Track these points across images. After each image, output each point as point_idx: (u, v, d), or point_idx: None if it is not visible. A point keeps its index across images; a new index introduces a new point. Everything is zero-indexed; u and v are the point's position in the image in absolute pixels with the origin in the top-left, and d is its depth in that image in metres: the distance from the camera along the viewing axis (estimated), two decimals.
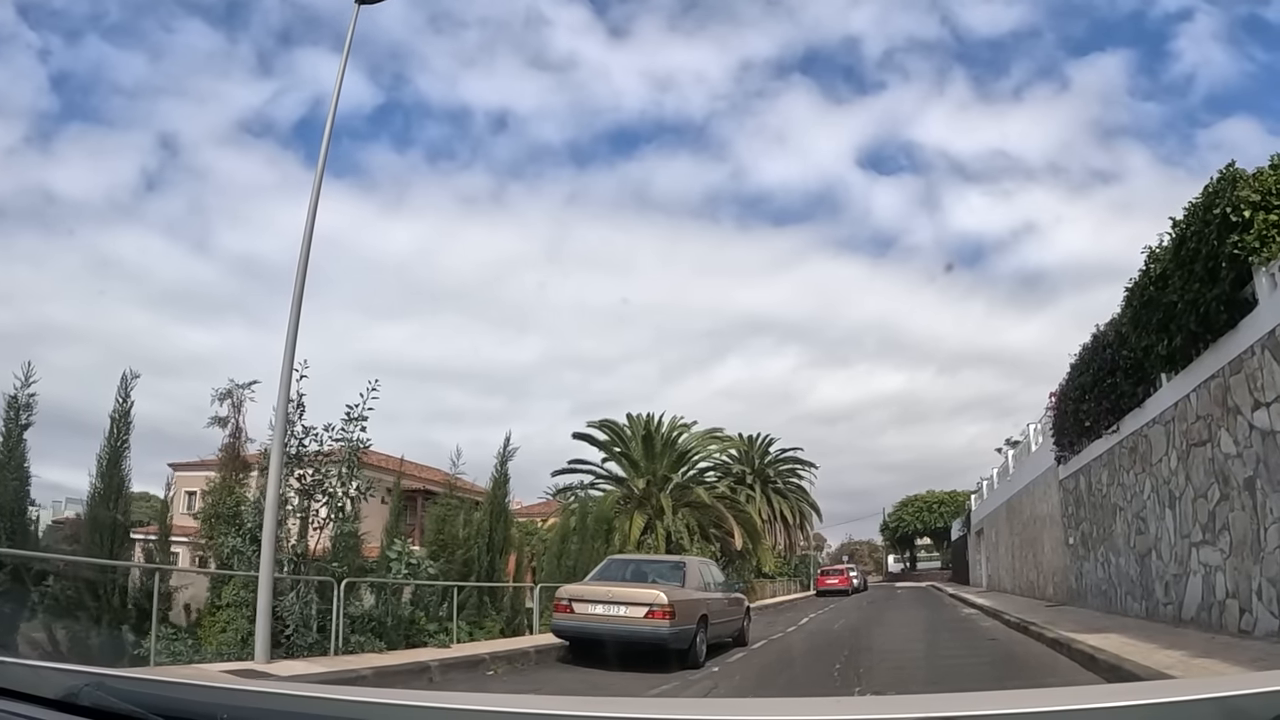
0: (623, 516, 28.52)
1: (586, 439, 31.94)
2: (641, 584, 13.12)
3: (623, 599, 12.35)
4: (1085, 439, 18.25)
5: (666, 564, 14.32)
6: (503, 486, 20.28)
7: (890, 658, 12.73)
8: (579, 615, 12.54)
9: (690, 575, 13.53)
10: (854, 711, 1.94)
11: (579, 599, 12.70)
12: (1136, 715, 1.43)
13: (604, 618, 12.32)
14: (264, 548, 10.34)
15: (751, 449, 47.03)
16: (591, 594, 12.70)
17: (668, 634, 11.89)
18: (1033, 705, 1.49)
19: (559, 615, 12.87)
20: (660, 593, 12.20)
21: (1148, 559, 14.35)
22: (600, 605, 12.42)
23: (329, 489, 12.18)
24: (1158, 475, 13.73)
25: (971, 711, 1.52)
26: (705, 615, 13.04)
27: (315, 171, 12.13)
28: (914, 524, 72.21)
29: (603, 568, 14.47)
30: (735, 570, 32.32)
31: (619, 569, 14.15)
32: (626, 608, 12.26)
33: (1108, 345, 15.47)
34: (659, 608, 12.05)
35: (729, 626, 14.73)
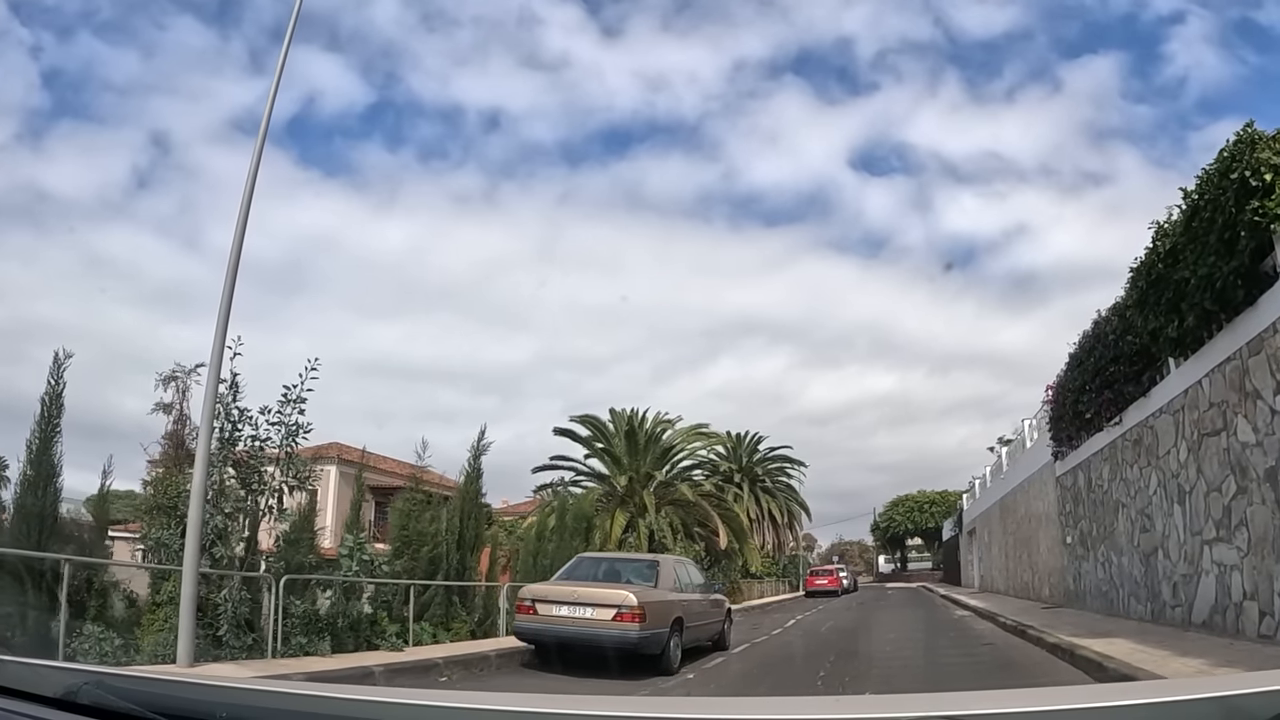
0: (604, 514, 27.59)
1: (568, 435, 30.98)
2: (610, 584, 12.19)
3: (589, 600, 11.43)
4: (1085, 433, 17.36)
5: (639, 563, 13.38)
6: (475, 481, 19.38)
7: (879, 664, 11.83)
8: (542, 617, 11.62)
9: (664, 575, 12.59)
10: (853, 710, 1.89)
11: (542, 599, 11.77)
12: (1136, 715, 1.43)
13: (569, 620, 11.41)
14: (188, 540, 9.44)
15: (739, 447, 46.13)
16: (556, 594, 11.77)
17: (637, 638, 10.99)
18: (1032, 705, 1.50)
19: (521, 617, 11.96)
20: (629, 594, 11.27)
21: (1153, 558, 13.45)
22: (565, 607, 11.50)
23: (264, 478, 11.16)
24: (1165, 469, 12.83)
25: (970, 711, 1.50)
26: (680, 618, 12.15)
27: (258, 136, 11.08)
28: (905, 524, 71.40)
29: (571, 566, 13.53)
30: (721, 570, 31.43)
31: (589, 568, 13.21)
32: (593, 609, 11.34)
33: (1110, 331, 14.56)
34: (628, 610, 11.13)
35: (708, 629, 13.83)
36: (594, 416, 30.76)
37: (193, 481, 9.72)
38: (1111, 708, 1.47)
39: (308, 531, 14.27)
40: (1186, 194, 10.94)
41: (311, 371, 11.33)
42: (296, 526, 14.43)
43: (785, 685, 10.50)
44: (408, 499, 17.52)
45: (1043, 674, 9.79)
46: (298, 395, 11.27)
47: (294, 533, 13.78)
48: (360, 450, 34.34)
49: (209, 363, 10.04)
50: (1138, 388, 13.93)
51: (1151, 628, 12.52)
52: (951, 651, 13.06)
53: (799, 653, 14.36)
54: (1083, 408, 16.34)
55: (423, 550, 16.60)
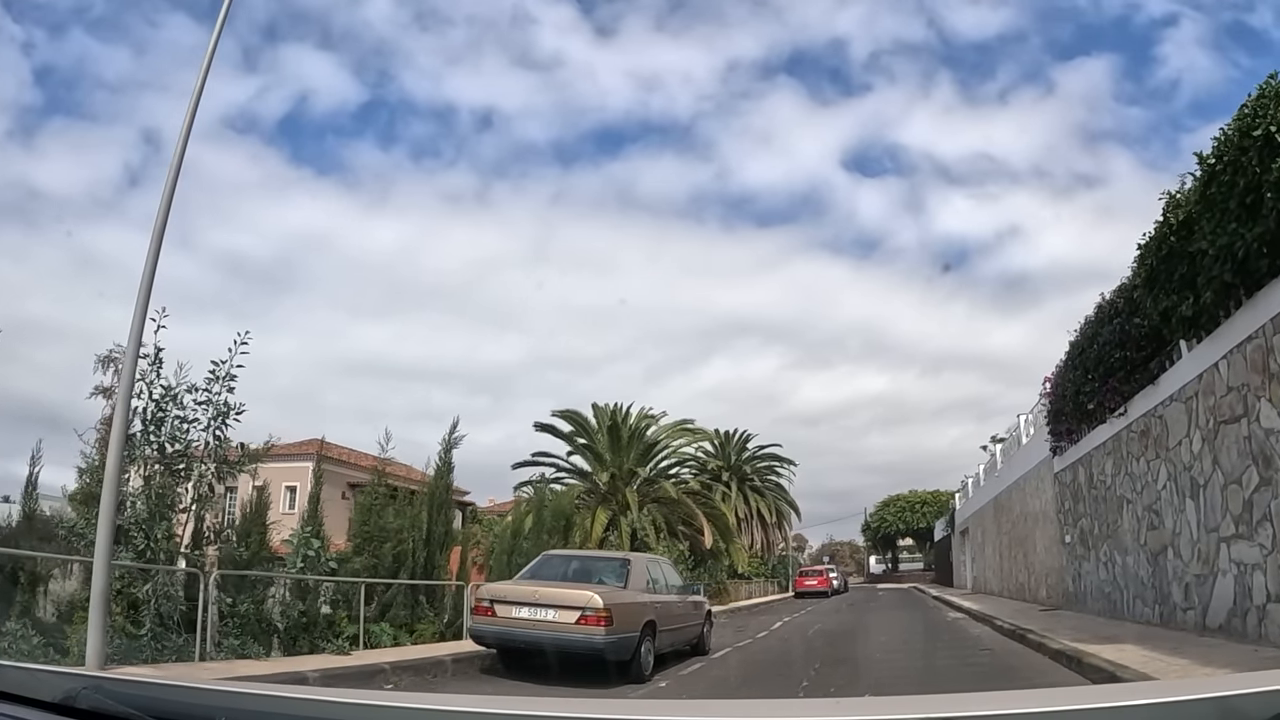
0: (585, 512, 26.65)
1: (550, 430, 29.98)
2: (576, 584, 11.24)
3: (551, 601, 10.48)
4: (1085, 426, 16.45)
5: (609, 562, 12.43)
6: (446, 475, 18.51)
7: (868, 671, 10.88)
8: (501, 619, 10.69)
9: (635, 575, 11.63)
10: (851, 712, 1.89)
11: (501, 600, 10.83)
12: (1133, 716, 1.43)
13: (529, 623, 10.47)
14: (100, 528, 8.45)
15: (728, 445, 45.22)
16: (516, 595, 10.82)
17: (602, 643, 10.06)
18: (1030, 706, 1.50)
19: (478, 619, 11.04)
20: (595, 595, 10.32)
21: (1162, 557, 12.53)
22: (525, 608, 10.56)
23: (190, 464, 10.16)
24: (1176, 461, 11.91)
25: (969, 712, 1.51)
26: (652, 621, 11.23)
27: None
28: (896, 524, 70.44)
29: (536, 565, 12.57)
30: (707, 570, 30.51)
31: (555, 567, 12.25)
32: (556, 611, 10.40)
33: (1115, 314, 13.64)
34: (592, 612, 10.19)
35: (685, 633, 12.89)
36: (576, 412, 29.81)
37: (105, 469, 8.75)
38: (1109, 709, 1.47)
39: (258, 526, 13.48)
40: (1202, 159, 10.03)
41: (242, 346, 10.33)
42: (246, 520, 13.61)
43: (765, 694, 9.58)
44: (369, 492, 16.64)
45: (1049, 685, 8.84)
46: (226, 372, 10.26)
47: (244, 526, 12.92)
48: (346, 449, 33.34)
49: (129, 335, 9.04)
50: (1145, 375, 13.02)
51: (1161, 632, 11.60)
52: (946, 658, 12.12)
53: (783, 658, 13.44)
54: (1084, 398, 15.41)
55: (385, 547, 15.79)
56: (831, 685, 9.35)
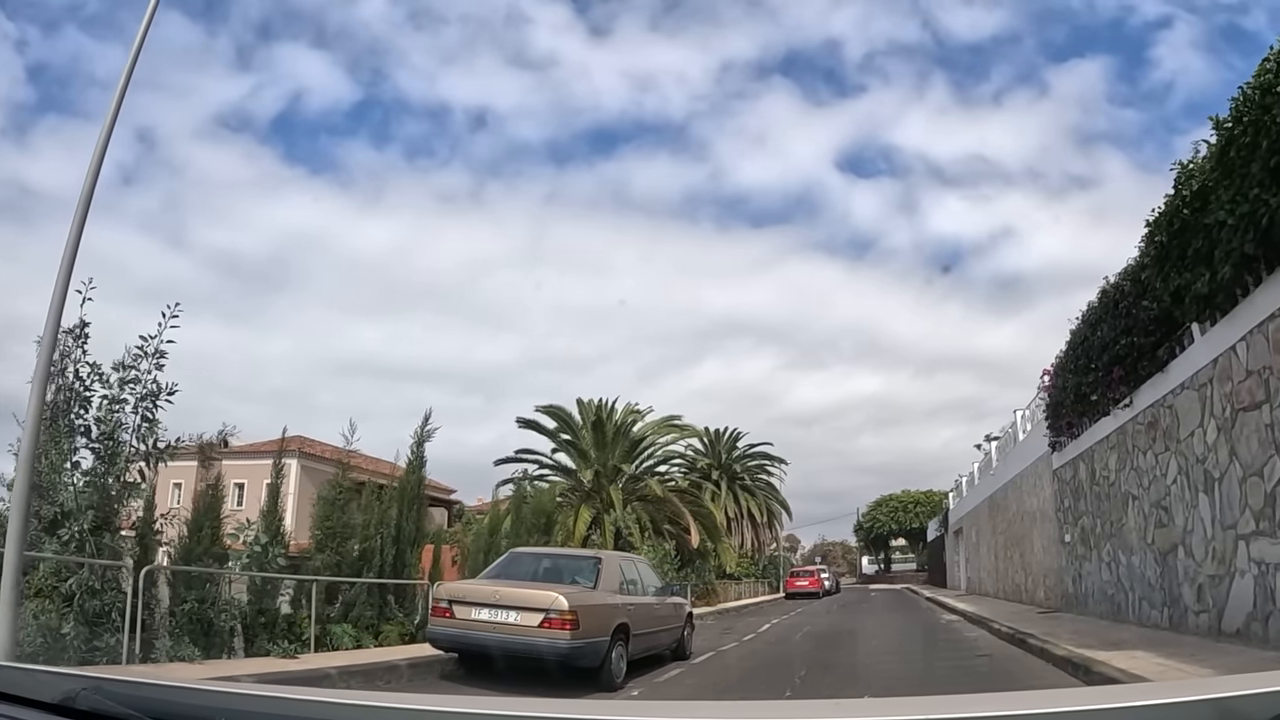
0: (568, 510, 25.80)
1: (533, 426, 29.06)
2: (541, 584, 10.39)
3: (513, 602, 9.66)
4: (1087, 419, 15.66)
5: (579, 560, 11.57)
6: (418, 470, 17.69)
7: (859, 679, 10.07)
8: (459, 621, 9.86)
9: (607, 574, 10.79)
10: (850, 713, 1.88)
11: (460, 600, 9.99)
12: (1133, 716, 1.43)
13: (489, 625, 9.64)
14: (12, 517, 7.62)
15: (718, 443, 44.37)
16: (476, 595, 9.98)
17: (567, 648, 9.24)
18: (1028, 707, 1.50)
19: (436, 621, 10.20)
20: (559, 596, 9.48)
21: (1172, 557, 11.72)
22: (486, 609, 9.73)
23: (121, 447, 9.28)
24: (1188, 453, 11.10)
25: (966, 713, 1.52)
26: (625, 625, 10.41)
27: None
28: (889, 524, 69.71)
29: (502, 563, 11.72)
30: (694, 571, 29.70)
31: (522, 565, 11.40)
32: (517, 613, 9.58)
33: (1121, 298, 12.83)
34: (557, 614, 9.36)
35: (663, 637, 12.08)
36: (560, 407, 28.89)
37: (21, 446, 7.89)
38: (1108, 710, 1.46)
39: (211, 520, 12.76)
40: (1218, 122, 9.24)
41: (172, 318, 9.44)
42: (198, 514, 12.91)
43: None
44: (333, 486, 15.83)
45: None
46: (155, 349, 9.38)
47: (196, 520, 11.96)
48: (331, 446, 32.57)
49: (49, 306, 8.19)
50: (1153, 363, 12.22)
51: (1171, 637, 10.80)
52: (942, 664, 11.30)
53: (769, 663, 12.62)
54: (1087, 389, 14.61)
55: (348, 544, 15.03)
56: (818, 694, 8.56)
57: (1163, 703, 1.42)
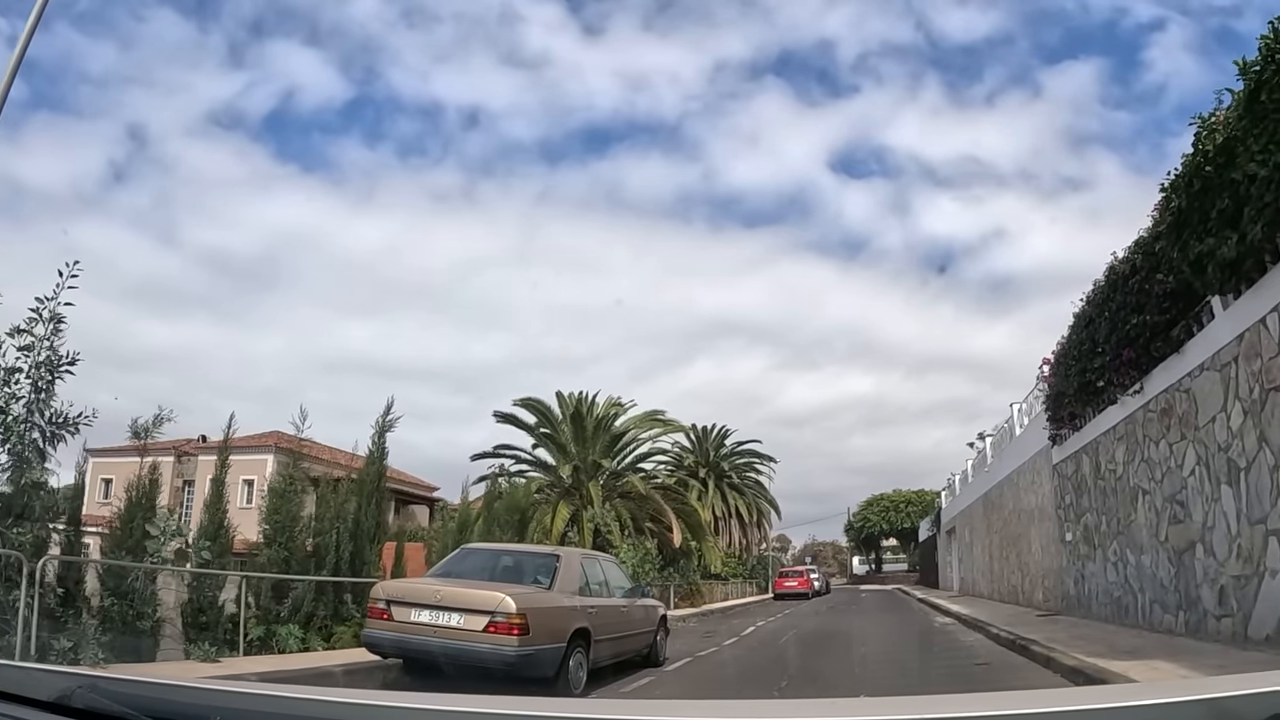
0: (546, 507, 24.73)
1: (512, 420, 27.95)
2: (488, 583, 9.31)
3: (456, 603, 8.60)
4: (1091, 409, 14.63)
5: (535, 557, 10.47)
6: (379, 462, 16.68)
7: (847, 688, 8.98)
8: (398, 624, 8.81)
9: (566, 574, 9.71)
10: (844, 713, 1.84)
11: (400, 600, 8.93)
12: (1129, 716, 1.43)
13: (430, 629, 8.60)
14: None
15: (705, 440, 43.34)
16: (416, 595, 8.91)
17: (515, 656, 8.19)
18: (1024, 707, 1.49)
19: (373, 623, 9.14)
20: (506, 597, 8.41)
21: (1189, 555, 10.69)
22: (426, 611, 8.68)
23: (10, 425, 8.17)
24: (1209, 440, 10.06)
25: (962, 713, 1.50)
26: (586, 629, 9.37)
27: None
28: (879, 524, 68.64)
29: (451, 559, 10.65)
30: (678, 570, 28.66)
31: (471, 562, 10.32)
32: (461, 616, 8.52)
33: (1132, 274, 11.78)
34: (503, 618, 8.31)
35: (632, 642, 11.02)
36: (539, 400, 27.79)
37: None
38: (1100, 710, 1.46)
39: (144, 512, 11.95)
40: (1244, 67, 8.24)
41: (70, 277, 8.32)
42: (131, 505, 12.07)
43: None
44: (283, 477, 14.82)
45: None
46: (52, 311, 8.25)
47: (129, 511, 11.40)
48: (312, 443, 31.53)
49: None
50: (1167, 344, 11.19)
51: (1189, 644, 9.76)
52: (938, 672, 10.23)
53: (748, 671, 11.56)
54: (1092, 376, 13.57)
55: (298, 538, 14.08)
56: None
57: (1157, 703, 1.41)
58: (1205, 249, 9.17)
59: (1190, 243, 9.54)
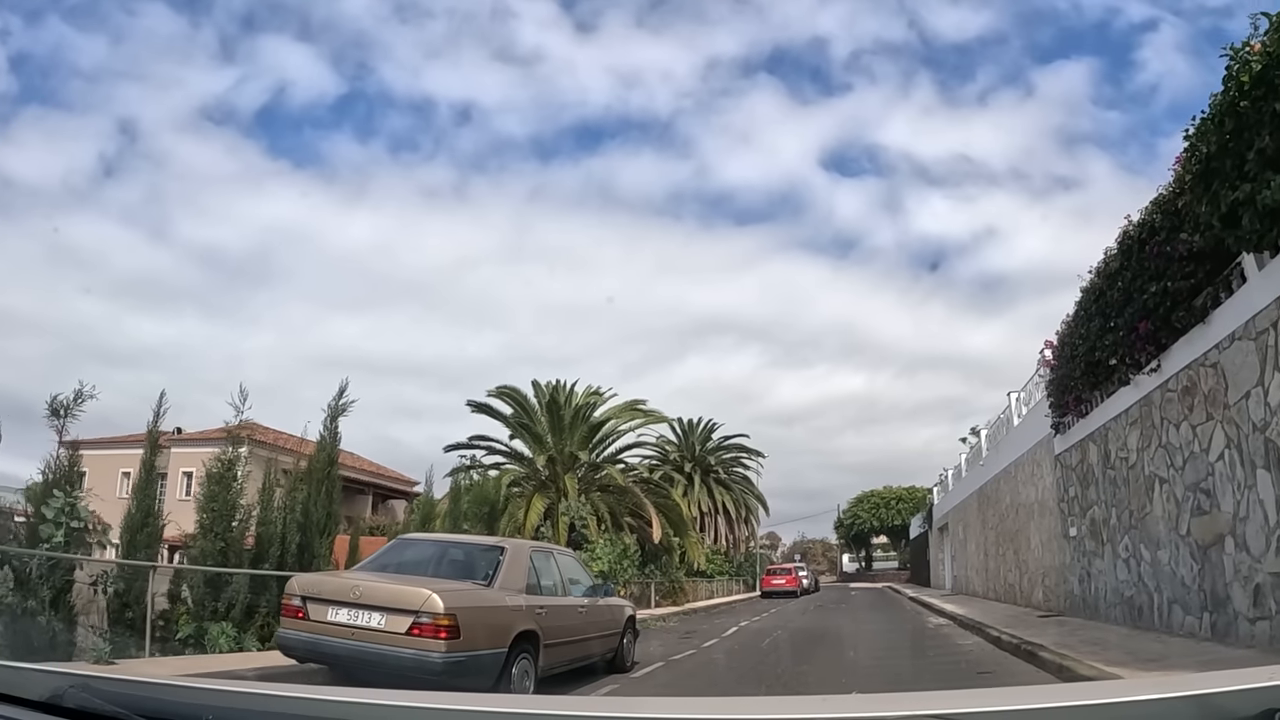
0: (520, 500, 23.50)
1: (486, 410, 26.66)
2: (417, 578, 8.09)
3: (377, 601, 7.40)
4: (1100, 392, 13.48)
5: (477, 550, 9.20)
6: (330, 448, 15.52)
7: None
8: (314, 624, 7.61)
9: (511, 568, 8.48)
10: (839, 710, 1.77)
11: (317, 597, 7.73)
12: (1117, 713, 1.43)
13: (348, 630, 7.40)
14: None
15: (691, 434, 42.18)
16: (334, 590, 7.69)
17: (442, 662, 7.00)
18: (1015, 703, 1.50)
19: (287, 622, 7.93)
20: (433, 594, 7.20)
21: (1216, 551, 9.52)
22: (345, 609, 7.47)
23: None
24: (1241, 420, 8.89)
25: (955, 709, 1.46)
26: (533, 632, 8.19)
27: None
28: (870, 521, 67.61)
29: (384, 551, 9.41)
30: (659, 567, 27.48)
31: (405, 555, 9.12)
32: (383, 616, 7.31)
33: (1150, 236, 10.60)
34: (429, 619, 7.10)
35: (592, 646, 9.84)
36: (515, 389, 26.48)
37: None
38: (1093, 706, 1.47)
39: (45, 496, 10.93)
40: None
41: None
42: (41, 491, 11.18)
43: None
44: (221, 462, 13.66)
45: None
46: None
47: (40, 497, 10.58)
48: (284, 434, 30.31)
49: None
50: (1191, 313, 10.02)
51: (1219, 650, 8.60)
52: (934, 682, 9.02)
53: (725, 678, 10.44)
54: (1103, 354, 12.40)
55: (235, 528, 13.07)
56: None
57: (1151, 698, 1.41)
58: (1241, 196, 7.99)
59: (1221, 192, 8.36)
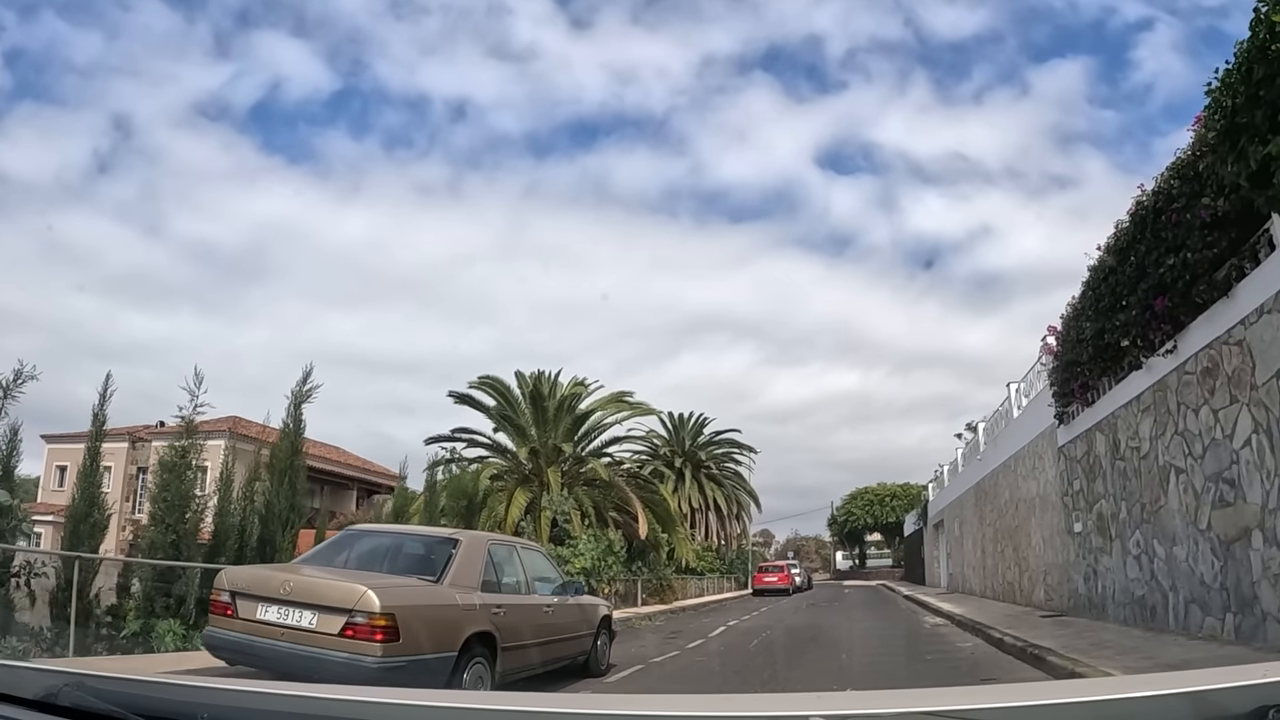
0: (502, 494, 22.67)
1: (469, 401, 25.81)
2: (354, 573, 7.25)
3: (308, 598, 6.57)
4: (1109, 378, 12.68)
5: (428, 542, 8.33)
6: (294, 436, 14.77)
7: None
8: (244, 622, 6.76)
9: (464, 563, 7.64)
10: (834, 707, 1.67)
11: (247, 593, 6.88)
12: (1113, 710, 1.42)
13: (277, 630, 6.58)
14: None
15: (682, 429, 41.33)
16: (264, 586, 6.85)
17: (377, 668, 6.19)
18: (1010, 700, 1.49)
19: (215, 620, 7.09)
20: (368, 591, 6.36)
21: (1241, 546, 8.71)
22: (275, 607, 6.65)
23: None
24: (1270, 401, 8.08)
25: (951, 707, 1.46)
26: (489, 634, 7.41)
27: None
28: (864, 518, 66.84)
29: (330, 544, 8.57)
30: (647, 564, 26.66)
31: (351, 548, 8.24)
32: (314, 615, 6.49)
33: (1167, 205, 9.78)
34: (364, 618, 6.28)
35: (559, 649, 9.02)
36: (498, 379, 25.61)
37: None
38: (1085, 703, 1.47)
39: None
40: None
41: None
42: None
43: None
44: (176, 450, 12.97)
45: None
46: None
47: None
48: (271, 428, 29.81)
49: None
50: (1212, 287, 9.21)
51: (1247, 655, 7.79)
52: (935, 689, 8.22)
53: (707, 682, 9.65)
54: (1114, 335, 11.58)
55: (188, 519, 12.22)
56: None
57: (1145, 695, 1.42)
58: (1274, 150, 7.18)
59: (1250, 148, 7.54)
